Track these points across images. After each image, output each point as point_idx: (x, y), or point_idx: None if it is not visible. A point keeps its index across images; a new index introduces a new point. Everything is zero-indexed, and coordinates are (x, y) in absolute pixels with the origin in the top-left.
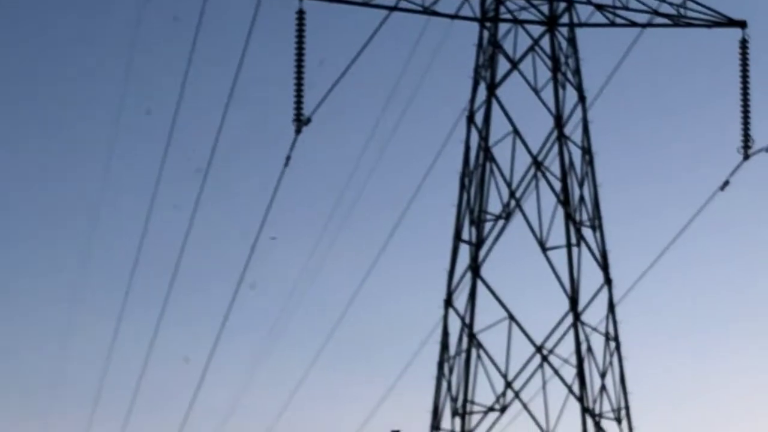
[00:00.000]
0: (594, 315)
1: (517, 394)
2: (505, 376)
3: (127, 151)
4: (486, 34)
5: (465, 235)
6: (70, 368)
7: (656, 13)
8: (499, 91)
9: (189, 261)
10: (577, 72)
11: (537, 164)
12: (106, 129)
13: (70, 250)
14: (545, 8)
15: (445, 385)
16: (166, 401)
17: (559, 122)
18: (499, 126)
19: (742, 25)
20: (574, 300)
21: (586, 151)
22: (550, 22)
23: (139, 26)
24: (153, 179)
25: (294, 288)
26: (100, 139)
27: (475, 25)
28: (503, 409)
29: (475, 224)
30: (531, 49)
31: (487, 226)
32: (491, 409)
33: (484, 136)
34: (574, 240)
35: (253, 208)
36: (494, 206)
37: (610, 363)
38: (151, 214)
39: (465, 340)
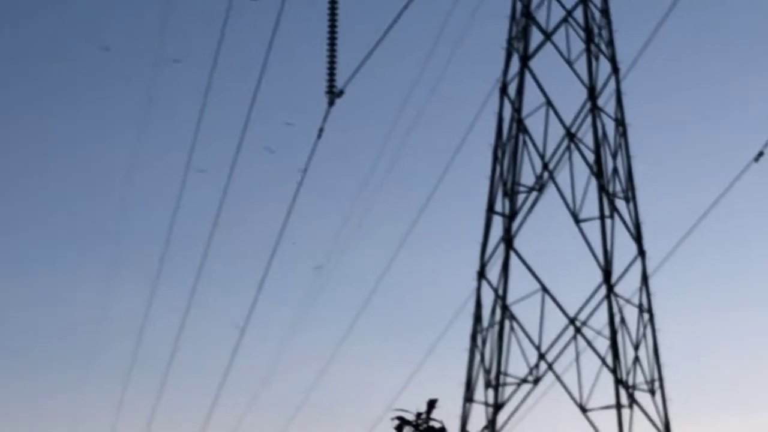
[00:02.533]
0: (627, 287)
1: (550, 366)
2: (538, 347)
3: (162, 122)
4: (519, 5)
5: (498, 207)
6: (105, 338)
7: None
8: (532, 63)
9: (223, 232)
10: (610, 43)
11: (570, 136)
12: (140, 102)
13: (106, 218)
14: None
15: (478, 357)
16: (203, 368)
17: (593, 94)
18: (532, 98)
19: None
20: (607, 272)
21: (620, 122)
22: None
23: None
24: (185, 154)
25: (328, 260)
26: (135, 113)
27: None
28: (536, 381)
29: (508, 196)
30: (564, 20)
31: (520, 197)
32: (524, 380)
33: (517, 108)
34: (607, 212)
35: (287, 181)
36: (527, 178)
37: (644, 335)
38: (184, 187)
39: (498, 312)
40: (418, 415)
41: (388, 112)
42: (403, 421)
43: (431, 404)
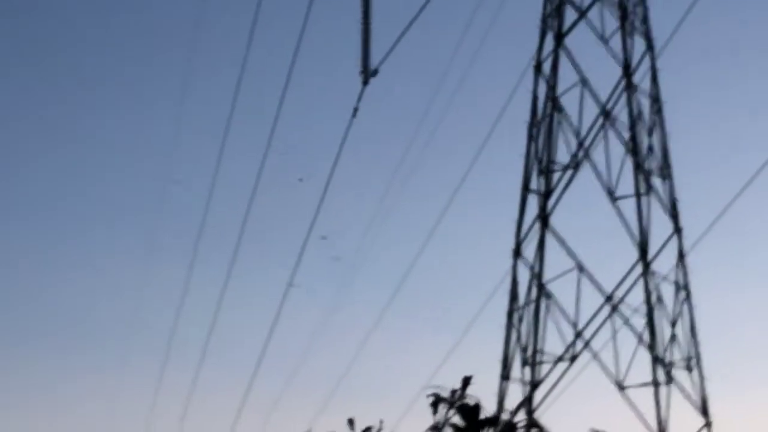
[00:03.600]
0: (664, 264)
1: (586, 344)
2: (574, 325)
3: (198, 99)
4: None
5: (533, 185)
6: (143, 319)
7: None
8: (567, 41)
9: (258, 211)
10: (645, 20)
11: (605, 114)
12: (175, 87)
13: (143, 199)
14: None
15: (514, 335)
16: (236, 346)
17: (628, 71)
18: (566, 76)
19: None
20: (643, 249)
21: (655, 99)
22: None
23: None
24: (221, 134)
25: (363, 238)
26: (172, 93)
27: None
28: (573, 359)
29: (543, 174)
30: None
31: (556, 176)
32: (561, 359)
33: (551, 86)
34: (643, 189)
35: (321, 160)
36: (562, 156)
37: (681, 312)
38: (219, 167)
39: (534, 290)
40: (453, 392)
41: (422, 91)
42: (438, 398)
43: (466, 381)
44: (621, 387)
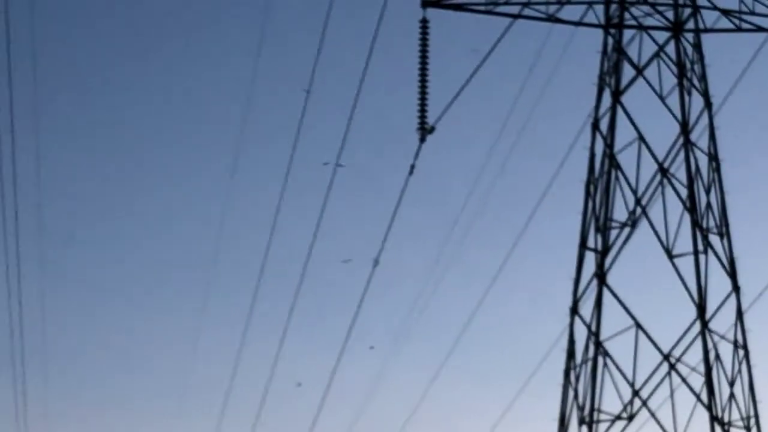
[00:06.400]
0: (722, 323)
1: (644, 403)
2: (632, 384)
3: (252, 162)
4: (610, 40)
5: (591, 243)
6: (199, 372)
7: None
8: (624, 98)
9: (314, 270)
10: (703, 78)
11: (663, 171)
12: (233, 134)
13: (199, 254)
14: (670, 14)
15: (571, 393)
16: (292, 407)
17: (685, 128)
18: (624, 133)
19: None
20: (701, 307)
21: (713, 157)
22: (676, 28)
23: (263, 36)
24: (277, 193)
25: (419, 296)
26: (228, 146)
27: (600, 32)
28: (631, 418)
29: (600, 232)
30: (656, 55)
31: (613, 233)
32: (618, 417)
33: (609, 143)
34: (701, 247)
35: (378, 217)
36: (620, 213)
37: (739, 371)
38: (276, 224)
39: (591, 348)
40: None
41: (479, 148)
42: None
43: None
44: None
